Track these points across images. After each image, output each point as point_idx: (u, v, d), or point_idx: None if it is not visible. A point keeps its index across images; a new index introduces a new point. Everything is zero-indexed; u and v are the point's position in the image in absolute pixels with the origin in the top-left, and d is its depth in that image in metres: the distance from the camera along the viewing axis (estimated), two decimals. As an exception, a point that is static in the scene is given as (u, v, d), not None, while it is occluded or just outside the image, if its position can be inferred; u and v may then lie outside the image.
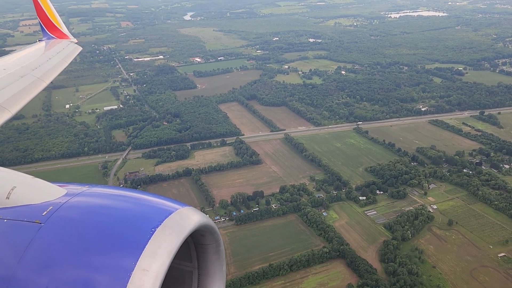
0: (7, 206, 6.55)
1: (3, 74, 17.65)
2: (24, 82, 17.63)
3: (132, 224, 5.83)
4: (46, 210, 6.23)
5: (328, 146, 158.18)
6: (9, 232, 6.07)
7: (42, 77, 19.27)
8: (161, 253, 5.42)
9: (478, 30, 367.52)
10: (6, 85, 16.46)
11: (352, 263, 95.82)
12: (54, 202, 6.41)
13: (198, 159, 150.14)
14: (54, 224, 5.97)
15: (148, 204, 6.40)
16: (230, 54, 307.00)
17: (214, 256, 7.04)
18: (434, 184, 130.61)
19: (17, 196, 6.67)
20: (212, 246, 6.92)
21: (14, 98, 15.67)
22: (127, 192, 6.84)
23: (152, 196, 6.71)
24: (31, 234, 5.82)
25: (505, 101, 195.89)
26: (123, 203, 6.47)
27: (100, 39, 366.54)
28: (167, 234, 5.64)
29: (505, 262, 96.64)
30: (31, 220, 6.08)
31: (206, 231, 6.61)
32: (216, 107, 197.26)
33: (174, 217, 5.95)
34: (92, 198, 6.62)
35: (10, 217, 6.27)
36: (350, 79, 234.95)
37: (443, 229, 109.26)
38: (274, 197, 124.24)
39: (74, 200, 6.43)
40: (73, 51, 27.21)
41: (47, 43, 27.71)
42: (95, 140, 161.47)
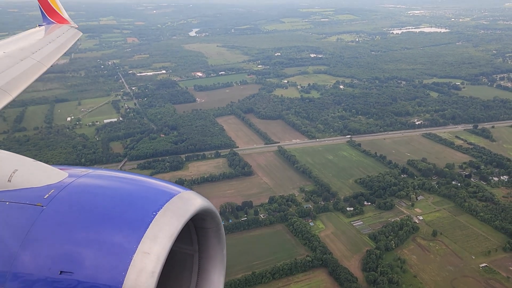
0: (9, 189, 6.60)
1: (3, 57, 17.45)
2: (24, 66, 17.35)
3: (134, 207, 5.91)
4: (48, 193, 6.28)
5: (320, 158, 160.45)
6: (11, 214, 6.15)
7: (42, 61, 19.06)
8: (162, 236, 5.46)
9: (478, 45, 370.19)
10: (5, 68, 16.17)
11: (334, 272, 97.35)
12: (56, 185, 6.46)
13: (192, 170, 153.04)
14: (56, 206, 6.04)
15: (150, 188, 6.47)
16: (231, 69, 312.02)
17: (215, 240, 7.05)
18: (422, 196, 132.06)
19: (18, 179, 6.69)
20: (212, 229, 6.93)
21: (14, 81, 15.36)
22: (129, 175, 6.91)
23: (154, 179, 6.79)
24: (33, 216, 5.89)
25: (499, 115, 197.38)
26: (124, 186, 6.55)
27: (106, 54, 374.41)
28: (169, 218, 5.69)
29: (486, 272, 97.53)
30: (33, 203, 6.14)
31: (207, 215, 6.65)
32: (213, 120, 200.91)
33: (176, 200, 6.01)
34: (93, 181, 6.68)
35: (12, 200, 6.34)
36: (347, 93, 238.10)
37: (427, 240, 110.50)
38: (262, 207, 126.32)
39: (75, 183, 6.50)
40: (73, 35, 27.02)
41: (47, 27, 27.46)
42: (92, 152, 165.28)
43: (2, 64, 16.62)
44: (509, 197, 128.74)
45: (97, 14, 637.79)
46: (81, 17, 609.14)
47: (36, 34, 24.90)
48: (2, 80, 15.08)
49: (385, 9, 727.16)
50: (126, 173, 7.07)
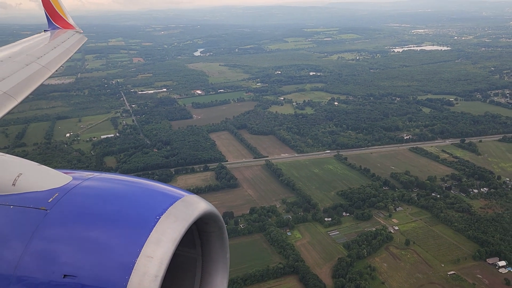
0: (13, 193, 6.61)
1: (8, 62, 17.66)
2: (29, 70, 17.61)
3: (137, 211, 5.91)
4: (52, 196, 6.28)
5: (306, 172, 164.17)
6: (15, 218, 6.14)
7: (47, 66, 19.29)
8: (165, 240, 5.47)
9: (477, 63, 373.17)
10: (11, 73, 16.40)
11: (304, 278, 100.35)
12: (60, 189, 6.46)
13: (180, 183, 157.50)
14: (60, 210, 6.04)
15: (153, 191, 6.46)
16: (230, 87, 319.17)
17: (218, 244, 7.09)
18: (401, 207, 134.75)
19: (23, 183, 6.72)
20: (216, 233, 6.98)
21: (20, 86, 15.57)
22: (133, 179, 6.94)
23: (157, 183, 6.79)
24: (37, 220, 5.89)
25: (487, 130, 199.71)
26: (128, 190, 6.59)
27: (111, 74, 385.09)
28: (172, 222, 5.69)
29: (453, 280, 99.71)
30: (37, 207, 6.12)
31: (210, 219, 6.66)
32: (206, 135, 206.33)
33: (179, 204, 6.01)
34: (97, 184, 6.70)
35: (16, 204, 6.34)
36: (340, 109, 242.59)
37: (400, 249, 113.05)
38: (243, 218, 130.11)
39: (79, 187, 6.51)
40: (78, 41, 27.16)
41: (52, 33, 27.65)
42: (86, 166, 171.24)
43: (8, 69, 16.75)
44: (486, 208, 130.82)
45: (107, 35, 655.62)
46: (91, 38, 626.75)
47: (42, 39, 24.97)
48: (8, 85, 15.23)
49: (390, 28, 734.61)
50: (130, 177, 7.12)
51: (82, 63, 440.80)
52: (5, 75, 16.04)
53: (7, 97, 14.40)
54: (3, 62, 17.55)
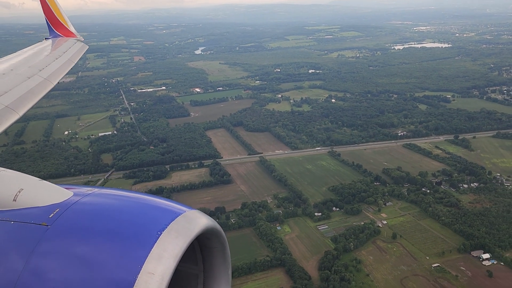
0: (14, 208, 6.59)
1: (10, 75, 17.60)
2: (31, 83, 17.49)
3: (138, 227, 5.91)
4: (52, 212, 6.28)
5: (299, 168, 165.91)
6: (16, 234, 6.13)
7: (49, 78, 19.19)
8: (167, 256, 5.47)
9: (476, 60, 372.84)
10: (13, 86, 16.30)
11: (290, 271, 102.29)
12: (61, 205, 6.47)
13: (174, 180, 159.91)
14: (61, 226, 6.03)
15: (155, 207, 6.46)
16: (229, 84, 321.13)
17: (220, 259, 7.06)
18: (391, 202, 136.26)
19: (24, 199, 6.72)
20: (218, 249, 6.96)
21: (21, 100, 15.50)
22: (134, 195, 6.94)
23: (159, 198, 6.79)
24: (38, 236, 5.88)
25: (482, 126, 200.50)
26: (129, 206, 6.57)
27: (111, 72, 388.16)
28: (173, 237, 5.70)
29: (437, 272, 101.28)
30: (38, 222, 6.12)
31: (212, 235, 6.65)
32: (202, 133, 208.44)
33: (180, 220, 6.02)
34: (98, 200, 6.70)
35: (17, 220, 6.32)
36: (336, 106, 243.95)
37: (386, 242, 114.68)
38: (234, 213, 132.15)
39: (80, 203, 6.52)
40: (80, 49, 27.18)
41: (53, 41, 27.68)
42: (82, 163, 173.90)
43: (10, 82, 16.74)
44: (474, 202, 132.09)
45: (109, 34, 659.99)
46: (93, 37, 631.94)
47: (43, 49, 24.96)
48: (10, 98, 15.18)
49: (392, 26, 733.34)
50: (131, 192, 7.11)
51: (83, 62, 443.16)
52: (7, 88, 15.99)
53: (9, 111, 14.35)
54: (5, 74, 17.51)
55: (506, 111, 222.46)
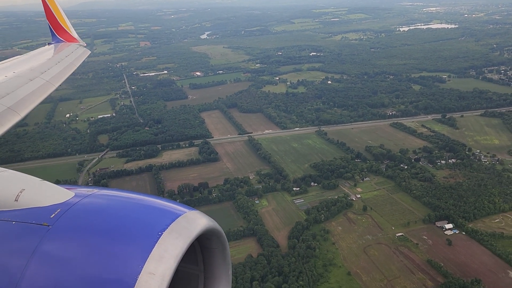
0: (15, 209, 6.63)
1: (13, 77, 17.76)
2: (33, 85, 17.66)
3: (139, 227, 5.97)
4: (54, 212, 6.32)
5: (285, 146, 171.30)
6: (17, 234, 6.16)
7: (51, 80, 19.34)
8: (167, 256, 5.54)
9: (480, 40, 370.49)
10: (15, 88, 16.43)
11: (260, 240, 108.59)
12: (62, 205, 6.53)
13: (165, 158, 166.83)
14: (62, 226, 6.08)
15: (155, 208, 6.53)
16: (229, 68, 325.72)
17: (220, 260, 7.15)
18: (368, 178, 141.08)
19: (25, 199, 6.76)
20: (218, 249, 7.07)
21: (23, 101, 15.69)
22: (134, 195, 7.02)
23: (159, 199, 6.85)
24: (39, 236, 5.92)
25: (471, 105, 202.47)
26: (130, 207, 6.66)
27: (116, 57, 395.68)
28: (174, 238, 5.76)
29: (400, 240, 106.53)
30: (39, 223, 6.16)
31: (212, 235, 6.76)
32: (196, 114, 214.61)
33: (181, 220, 6.08)
34: (99, 201, 6.77)
35: (19, 220, 6.35)
36: (331, 87, 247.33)
37: (357, 214, 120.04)
38: (217, 188, 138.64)
39: (81, 203, 6.59)
40: (82, 54, 27.60)
41: (56, 46, 28.02)
42: (79, 143, 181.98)
43: (12, 84, 16.80)
44: (449, 177, 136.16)
45: (118, 20, 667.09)
46: (102, 23, 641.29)
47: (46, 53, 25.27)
48: (12, 100, 15.31)
49: (401, 7, 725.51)
50: (132, 193, 7.16)
51: (90, 47, 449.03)
52: (10, 90, 16.13)
53: (11, 112, 14.56)
54: (8, 77, 17.65)
55: (499, 90, 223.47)
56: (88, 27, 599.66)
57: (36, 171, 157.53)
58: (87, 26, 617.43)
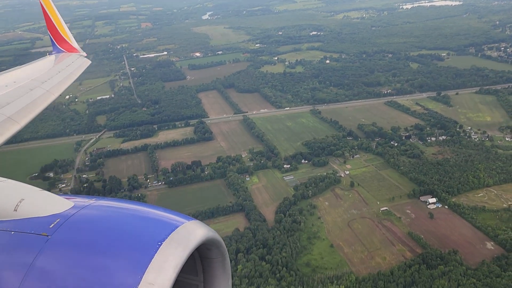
0: (14, 219, 6.64)
1: (14, 87, 17.82)
2: (33, 95, 17.79)
3: (138, 237, 5.96)
4: (53, 222, 6.31)
5: (279, 125, 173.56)
6: (16, 244, 6.16)
7: (51, 90, 19.42)
8: (167, 267, 5.52)
9: (483, 17, 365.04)
10: (16, 98, 16.57)
11: (248, 215, 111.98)
12: (61, 215, 6.51)
13: (161, 138, 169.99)
14: (61, 236, 6.07)
15: (155, 218, 6.53)
16: (229, 48, 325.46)
17: (220, 270, 7.10)
18: (358, 155, 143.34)
19: (24, 209, 6.77)
20: (218, 260, 7.01)
21: (23, 111, 15.80)
22: (134, 206, 7.00)
23: (159, 209, 6.83)
24: (38, 246, 5.91)
25: (467, 83, 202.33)
26: (129, 217, 6.65)
27: (117, 39, 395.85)
28: (173, 248, 5.75)
29: (383, 215, 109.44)
30: (38, 233, 6.15)
31: (212, 245, 6.69)
32: (194, 94, 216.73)
33: (180, 231, 6.06)
34: (98, 211, 6.78)
35: (18, 230, 6.37)
36: (329, 67, 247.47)
37: (344, 190, 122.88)
38: (209, 166, 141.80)
39: (81, 213, 6.57)
40: (82, 64, 27.84)
41: (56, 56, 28.27)
42: (77, 124, 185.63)
43: (13, 94, 16.88)
44: (437, 154, 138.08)
45: (119, 1, 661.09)
46: (103, 5, 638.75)
47: (46, 63, 25.47)
48: (12, 109, 15.38)
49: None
50: (131, 203, 7.15)
51: (91, 29, 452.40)
52: (10, 100, 16.18)
53: (10, 121, 14.55)
54: (8, 87, 17.70)
55: (496, 67, 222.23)
56: (89, 9, 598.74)
57: (35, 151, 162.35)
58: (89, 7, 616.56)
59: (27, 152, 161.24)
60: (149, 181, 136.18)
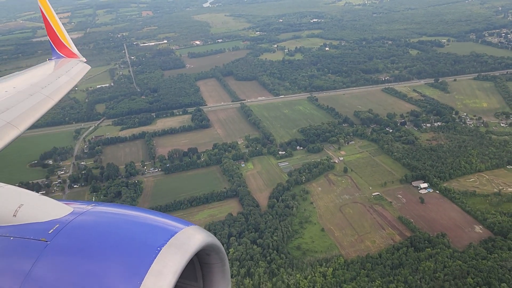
0: (14, 224, 6.64)
1: (13, 92, 17.90)
2: (33, 100, 17.85)
3: (138, 243, 5.97)
4: (52, 228, 6.30)
5: (276, 112, 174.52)
6: (15, 250, 6.17)
7: (51, 95, 19.48)
8: (166, 272, 5.52)
9: (485, 2, 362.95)
10: (15, 103, 16.70)
11: (242, 200, 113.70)
12: (61, 220, 6.50)
13: (159, 125, 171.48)
14: (60, 242, 6.06)
15: (154, 223, 6.52)
16: (229, 36, 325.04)
17: (220, 276, 7.09)
18: (353, 141, 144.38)
19: (24, 214, 6.76)
20: (217, 265, 7.00)
21: (23, 116, 15.89)
22: (133, 211, 7.02)
23: (158, 215, 6.81)
24: (37, 252, 5.91)
25: (465, 69, 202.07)
26: (129, 222, 6.64)
27: (118, 27, 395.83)
28: (173, 254, 5.75)
29: (375, 199, 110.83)
30: (38, 238, 6.16)
31: (211, 251, 6.69)
32: (192, 82, 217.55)
33: (180, 236, 6.07)
34: (98, 216, 6.78)
35: (17, 235, 6.37)
36: (328, 54, 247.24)
37: (337, 175, 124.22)
38: (206, 153, 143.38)
39: (80, 219, 6.56)
40: (82, 70, 27.84)
41: (56, 62, 28.31)
42: (77, 112, 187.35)
43: (13, 99, 16.92)
44: (431, 140, 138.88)
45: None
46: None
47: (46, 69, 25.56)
48: (12, 115, 15.44)
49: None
50: (131, 209, 7.15)
51: (92, 18, 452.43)
52: (10, 105, 16.21)
53: (10, 127, 14.55)
54: (8, 92, 17.75)
55: (496, 53, 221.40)
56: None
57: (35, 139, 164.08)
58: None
59: (27, 140, 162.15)
60: (146, 168, 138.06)
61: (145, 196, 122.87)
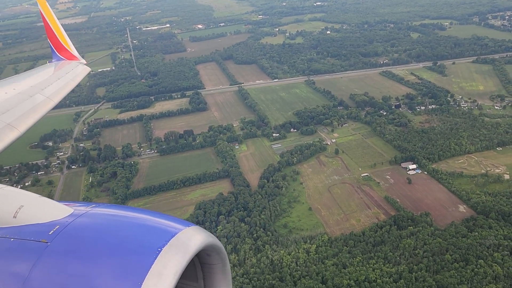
0: (14, 225, 6.64)
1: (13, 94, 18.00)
2: (33, 102, 17.96)
3: (138, 244, 5.95)
4: (52, 229, 6.28)
5: (273, 96, 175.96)
6: (16, 251, 6.15)
7: (51, 97, 19.52)
8: (167, 273, 5.49)
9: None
10: (15, 105, 16.78)
11: (233, 180, 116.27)
12: (61, 221, 6.49)
13: (157, 108, 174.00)
14: (61, 243, 6.04)
15: (154, 224, 6.50)
16: (231, 20, 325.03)
17: (221, 276, 7.07)
18: (347, 124, 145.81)
19: (24, 215, 6.75)
20: (218, 266, 6.99)
21: (23, 117, 15.96)
22: (134, 211, 6.98)
23: (158, 215, 6.80)
24: (38, 253, 5.89)
25: (465, 52, 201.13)
26: (129, 223, 6.61)
27: (122, 12, 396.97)
28: (173, 254, 5.72)
29: (364, 180, 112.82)
30: (38, 240, 6.13)
31: (212, 251, 6.68)
32: (192, 66, 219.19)
33: (180, 237, 6.04)
34: (98, 217, 6.78)
35: (17, 237, 6.35)
36: (328, 37, 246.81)
37: (329, 157, 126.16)
38: (201, 135, 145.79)
39: (80, 220, 6.55)
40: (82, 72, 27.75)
41: (56, 64, 28.34)
42: (77, 95, 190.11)
43: (13, 101, 17.01)
44: (425, 122, 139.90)
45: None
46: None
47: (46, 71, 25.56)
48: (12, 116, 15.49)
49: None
50: (131, 209, 7.12)
51: (97, 2, 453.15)
52: (10, 106, 16.24)
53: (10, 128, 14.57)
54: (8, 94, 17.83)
55: (498, 36, 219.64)
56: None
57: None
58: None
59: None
60: (142, 149, 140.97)
61: (140, 176, 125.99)
